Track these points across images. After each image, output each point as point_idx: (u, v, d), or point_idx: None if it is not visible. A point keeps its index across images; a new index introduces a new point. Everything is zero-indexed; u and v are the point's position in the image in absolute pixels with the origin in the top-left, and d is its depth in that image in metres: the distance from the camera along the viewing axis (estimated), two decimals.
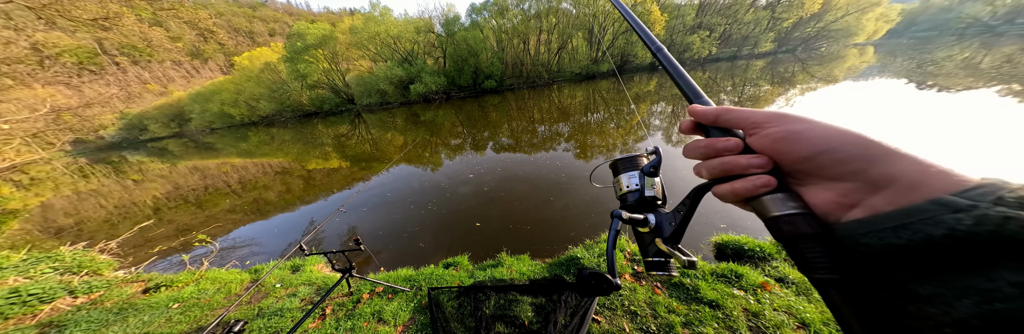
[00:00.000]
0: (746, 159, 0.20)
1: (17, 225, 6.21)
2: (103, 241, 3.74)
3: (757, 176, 0.20)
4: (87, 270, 2.92)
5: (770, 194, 0.19)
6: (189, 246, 3.49)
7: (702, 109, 0.23)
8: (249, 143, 15.80)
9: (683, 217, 0.26)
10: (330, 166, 7.27)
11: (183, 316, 1.92)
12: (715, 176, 0.22)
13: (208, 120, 35.62)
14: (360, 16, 25.22)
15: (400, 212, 3.39)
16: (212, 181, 7.76)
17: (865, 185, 0.17)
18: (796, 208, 0.18)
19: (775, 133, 0.20)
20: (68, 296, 2.40)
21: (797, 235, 0.18)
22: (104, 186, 9.71)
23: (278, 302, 1.90)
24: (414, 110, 18.52)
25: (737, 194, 0.20)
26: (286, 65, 26.07)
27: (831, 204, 0.18)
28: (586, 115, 8.76)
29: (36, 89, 17.97)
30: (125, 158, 19.28)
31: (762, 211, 0.20)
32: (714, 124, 0.23)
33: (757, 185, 0.20)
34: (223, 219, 4.54)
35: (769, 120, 0.20)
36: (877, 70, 11.72)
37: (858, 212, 0.17)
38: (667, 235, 0.27)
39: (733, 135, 0.22)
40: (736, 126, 0.22)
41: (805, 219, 0.18)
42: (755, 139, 0.21)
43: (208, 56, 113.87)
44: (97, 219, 5.96)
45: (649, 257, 0.28)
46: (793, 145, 0.19)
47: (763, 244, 1.76)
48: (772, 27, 31.22)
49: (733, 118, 0.22)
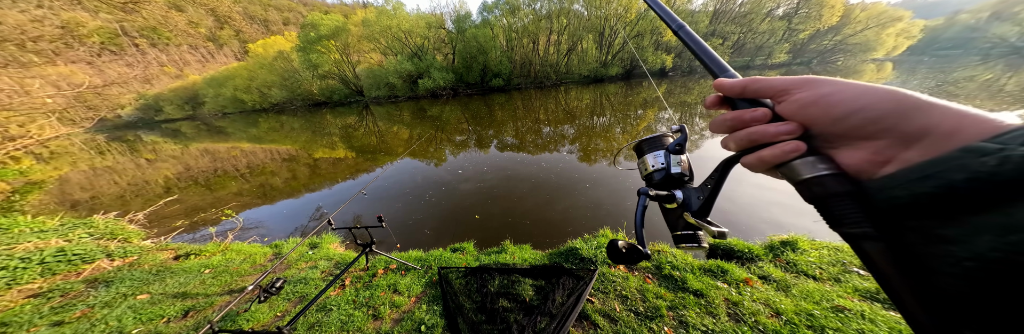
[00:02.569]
0: (774, 127, 0.20)
1: (38, 196, 6.56)
2: (132, 212, 4.02)
3: (786, 142, 0.20)
4: (119, 237, 3.19)
5: (800, 158, 0.19)
6: (214, 220, 3.74)
7: (729, 82, 0.23)
8: (259, 129, 16.13)
9: (711, 190, 0.26)
10: (336, 156, 7.46)
11: (215, 280, 2.15)
12: (743, 147, 0.22)
13: (221, 104, 36.33)
14: (373, 9, 25.46)
15: (406, 202, 3.58)
16: (222, 164, 8.00)
17: (898, 140, 0.17)
18: (827, 169, 0.19)
19: (803, 98, 0.19)
20: (106, 258, 2.65)
21: (828, 195, 0.18)
22: (119, 163, 10.07)
23: (301, 272, 2.12)
24: (421, 105, 18.70)
25: (765, 162, 0.20)
26: (298, 54, 26.46)
27: (864, 163, 0.18)
28: (592, 118, 8.85)
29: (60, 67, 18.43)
30: (140, 137, 19.80)
31: (792, 176, 0.20)
32: (741, 95, 0.23)
33: (786, 150, 0.20)
34: (231, 202, 4.73)
35: (797, 86, 0.20)
36: (895, 86, 11.74)
37: (891, 167, 0.17)
38: (695, 209, 0.27)
39: (761, 105, 0.22)
40: (763, 95, 0.22)
41: (836, 179, 0.18)
42: (784, 106, 0.20)
43: (224, 42, 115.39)
44: (111, 195, 6.23)
45: (678, 231, 0.28)
46: (823, 108, 0.19)
47: (752, 247, 1.89)
48: (787, 38, 30.78)
49: (760, 87, 0.21)
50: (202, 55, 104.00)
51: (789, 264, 1.71)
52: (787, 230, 2.16)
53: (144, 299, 1.98)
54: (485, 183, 3.98)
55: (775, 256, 1.80)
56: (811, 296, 1.39)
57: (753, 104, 0.22)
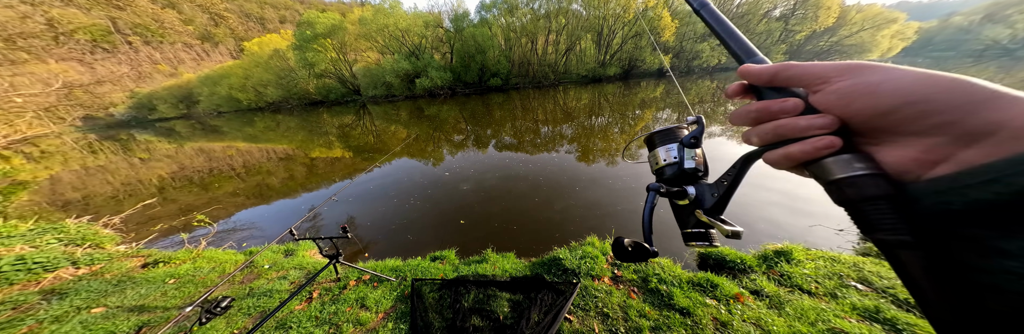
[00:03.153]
0: (806, 120, 0.18)
1: (26, 196, 6.37)
2: (107, 216, 3.86)
3: (819, 137, 0.17)
4: (90, 243, 3.03)
5: (833, 156, 0.17)
6: (189, 226, 3.60)
7: (757, 68, 0.21)
8: (255, 128, 15.92)
9: (727, 187, 0.24)
10: (333, 155, 7.36)
11: (178, 291, 2.02)
12: (767, 141, 0.19)
13: (216, 103, 35.91)
14: (370, 7, 25.35)
15: (391, 205, 3.47)
16: (217, 164, 7.86)
17: (958, 137, 0.14)
18: (865, 169, 0.16)
19: (845, 87, 0.17)
20: (71, 266, 2.51)
21: (863, 197, 0.16)
22: (112, 163, 9.87)
23: (269, 283, 2.00)
24: (419, 104, 18.56)
25: (793, 158, 0.18)
26: (295, 53, 26.20)
27: (910, 162, 0.16)
28: (591, 118, 8.78)
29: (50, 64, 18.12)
30: (133, 136, 19.48)
31: (822, 175, 0.18)
32: (770, 83, 0.20)
33: (818, 147, 0.17)
34: (226, 202, 4.63)
35: (839, 72, 0.17)
36: None
37: (944, 168, 0.15)
38: (708, 206, 0.25)
39: (792, 95, 0.19)
40: (797, 84, 0.19)
41: (874, 179, 0.16)
42: (820, 96, 0.18)
43: (219, 40, 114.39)
44: (103, 195, 6.08)
45: (688, 229, 0.27)
46: (869, 99, 0.16)
47: (745, 257, 1.81)
48: (784, 39, 30.98)
49: (794, 74, 0.19)
50: (197, 53, 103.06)
51: (783, 277, 1.61)
52: (784, 232, 2.09)
53: (98, 313, 1.85)
54: (473, 185, 3.88)
55: (769, 267, 1.71)
56: (806, 315, 1.30)
57: (783, 93, 0.20)
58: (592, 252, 1.92)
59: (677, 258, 1.93)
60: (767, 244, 1.97)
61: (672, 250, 2.04)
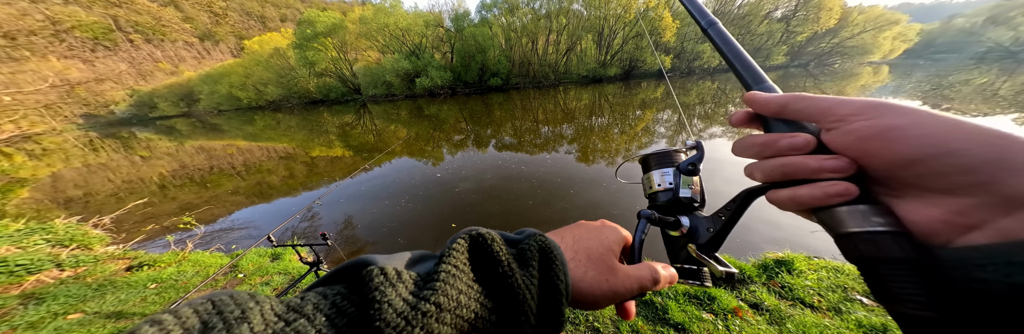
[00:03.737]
0: (817, 160, 0.16)
1: (27, 193, 6.33)
2: (97, 216, 3.81)
3: (832, 182, 0.15)
4: (78, 244, 2.98)
5: (848, 205, 0.15)
6: (177, 227, 3.54)
7: (765, 97, 0.19)
8: (255, 127, 15.89)
9: (725, 223, 0.22)
10: (333, 154, 7.32)
11: (158, 297, 1.96)
12: (772, 179, 0.18)
13: (216, 102, 35.93)
14: (371, 7, 25.34)
15: (384, 207, 3.40)
16: (217, 162, 7.83)
17: (996, 201, 0.12)
18: (884, 225, 0.14)
19: (865, 128, 0.15)
20: (55, 269, 2.45)
21: (881, 259, 0.14)
22: (113, 161, 9.84)
23: (251, 289, 1.94)
24: (419, 103, 18.49)
25: (800, 203, 0.16)
26: (295, 52, 26.18)
27: (938, 224, 0.14)
28: (591, 119, 8.72)
29: (52, 62, 18.13)
30: (134, 134, 19.49)
31: (833, 225, 0.15)
32: (779, 115, 0.18)
33: (830, 193, 0.15)
34: (226, 200, 4.59)
35: (859, 111, 0.15)
36: (890, 90, 11.55)
37: (979, 236, 0.13)
38: (702, 241, 0.23)
39: (803, 130, 0.18)
40: (810, 118, 0.17)
41: (895, 240, 0.14)
42: (835, 135, 0.16)
43: (219, 38, 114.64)
44: (104, 192, 6.03)
45: (679, 263, 0.25)
46: (892, 145, 0.14)
47: (744, 266, 1.74)
48: (785, 40, 30.93)
49: (806, 107, 0.17)
50: (198, 51, 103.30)
51: (784, 289, 1.54)
52: (784, 234, 2.01)
53: (75, 319, 1.79)
54: (472, 185, 3.82)
55: (769, 278, 1.64)
56: (808, 332, 1.24)
57: (792, 127, 0.18)
58: None
59: None
60: (767, 253, 1.90)
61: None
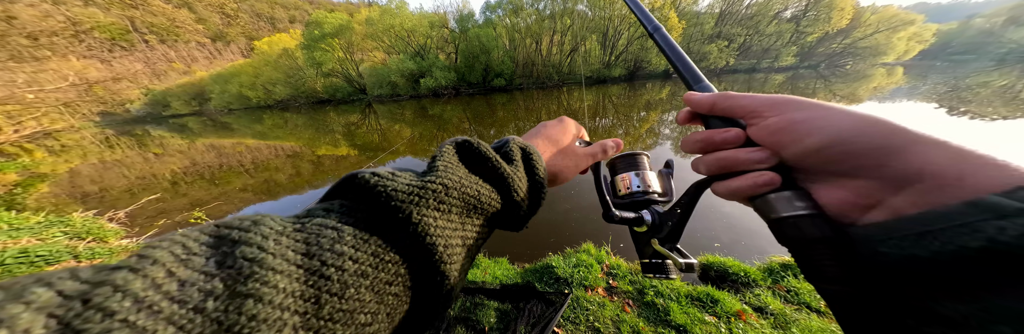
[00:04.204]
0: (746, 153, 0.18)
1: (46, 188, 6.58)
2: (112, 210, 3.96)
3: (759, 173, 0.17)
4: (94, 237, 3.11)
5: (774, 192, 0.17)
6: (189, 222, 3.66)
7: (699, 96, 0.21)
8: (263, 125, 16.22)
9: (681, 215, 0.24)
10: (339, 153, 7.45)
11: None
12: (714, 172, 0.20)
13: (227, 101, 36.79)
14: (377, 8, 25.64)
15: None
16: (227, 160, 8.03)
17: (886, 182, 0.14)
18: (804, 209, 0.16)
19: (775, 123, 0.17)
20: (72, 260, 2.57)
21: (804, 239, 0.16)
22: (127, 157, 10.14)
23: None
24: (423, 104, 18.65)
25: (736, 193, 0.18)
26: (303, 52, 26.69)
27: (845, 204, 0.15)
28: (595, 120, 8.72)
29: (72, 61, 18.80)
30: (148, 132, 20.04)
31: (765, 211, 0.18)
32: (711, 113, 0.20)
33: (758, 183, 0.17)
34: (234, 197, 4.70)
35: (768, 107, 0.18)
36: (905, 92, 11.19)
37: (878, 214, 0.14)
38: (664, 234, 0.25)
39: (734, 125, 0.19)
40: (734, 115, 0.19)
41: (814, 221, 0.16)
42: (755, 130, 0.18)
43: (231, 39, 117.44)
44: (119, 188, 6.23)
45: (646, 259, 0.26)
46: (796, 136, 0.16)
47: (749, 269, 1.72)
48: (795, 41, 30.43)
49: (731, 105, 0.19)
50: (210, 52, 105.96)
51: (790, 293, 1.53)
52: None
53: None
54: None
55: (774, 282, 1.62)
56: None
57: (727, 123, 0.20)
58: (587, 260, 1.87)
59: None
60: (773, 256, 1.88)
61: None
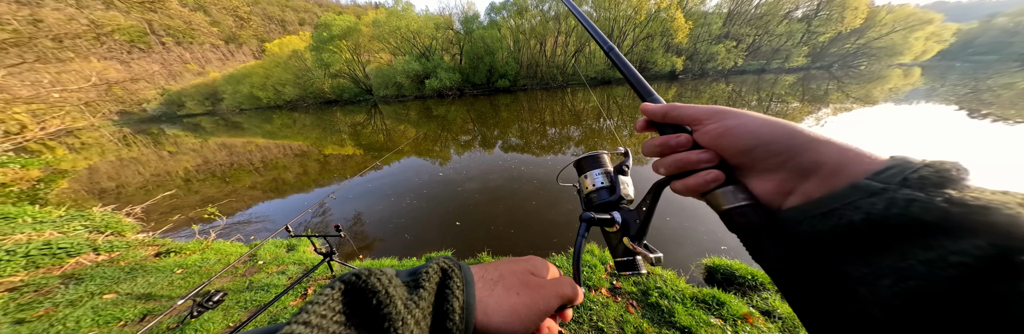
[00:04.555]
0: (695, 155, 0.21)
1: (66, 184, 6.86)
2: (129, 206, 4.09)
3: (707, 171, 0.21)
4: (112, 231, 3.21)
5: (721, 188, 0.20)
6: (201, 218, 3.76)
7: (653, 107, 0.24)
8: (273, 125, 16.62)
9: (646, 213, 0.26)
10: (345, 153, 7.57)
11: (183, 281, 2.10)
12: (671, 172, 0.23)
13: (238, 101, 37.78)
14: (384, 10, 26.05)
15: (392, 203, 3.50)
16: (237, 158, 8.25)
17: (796, 173, 0.18)
18: (744, 200, 0.19)
19: (713, 129, 0.21)
20: (92, 252, 2.65)
21: (749, 226, 0.19)
22: (143, 155, 10.51)
23: (268, 278, 2.04)
24: (428, 104, 18.85)
25: (691, 189, 0.21)
26: (312, 54, 27.25)
27: (772, 193, 0.19)
28: (600, 121, 8.65)
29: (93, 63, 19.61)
30: (163, 131, 20.76)
31: (715, 204, 0.20)
32: (664, 121, 0.24)
33: (707, 180, 0.20)
34: (244, 194, 4.82)
35: (709, 116, 0.21)
36: (923, 94, 10.84)
37: (794, 199, 0.18)
38: (633, 233, 0.27)
39: (682, 131, 0.23)
40: (682, 122, 0.23)
41: (753, 210, 0.19)
42: (699, 135, 0.22)
43: (243, 41, 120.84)
44: (135, 184, 6.47)
45: (618, 257, 0.28)
46: (731, 140, 0.20)
47: (757, 272, 1.68)
48: (806, 41, 29.71)
49: (679, 115, 0.23)
50: (223, 53, 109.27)
51: None
52: None
53: (109, 299, 1.93)
54: (477, 185, 3.86)
55: None
56: None
57: (677, 130, 0.23)
58: (590, 260, 1.86)
59: (682, 271, 1.82)
60: None
61: (677, 262, 1.93)
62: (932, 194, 0.13)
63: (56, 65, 6.79)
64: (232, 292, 1.87)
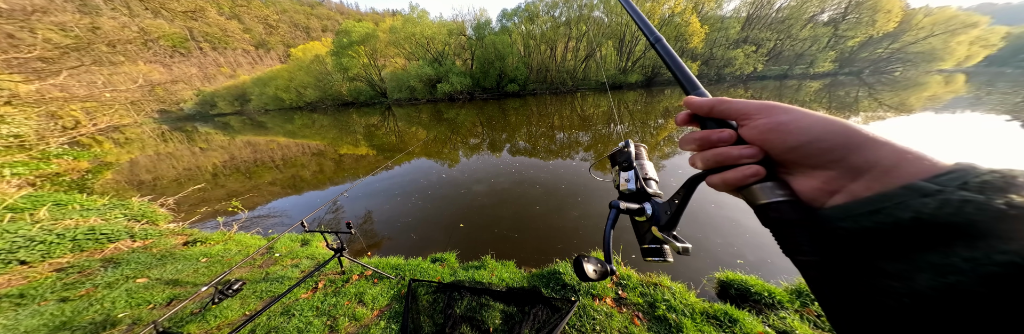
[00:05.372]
0: (738, 150, 0.21)
1: (110, 175, 7.52)
2: (163, 197, 4.42)
3: (747, 166, 0.20)
4: (147, 219, 3.48)
5: (759, 183, 0.20)
6: (226, 211, 4.00)
7: (698, 100, 0.24)
8: (294, 125, 17.52)
9: (678, 206, 0.27)
10: (359, 153, 7.89)
11: (207, 269, 2.24)
12: (709, 167, 0.22)
13: (264, 102, 40.22)
14: (400, 17, 27.13)
15: (401, 203, 3.59)
16: (260, 155, 8.76)
17: (846, 172, 0.17)
18: (783, 196, 0.19)
19: (763, 124, 0.20)
20: (129, 239, 2.88)
21: (783, 221, 0.19)
22: (178, 151, 11.38)
23: (282, 270, 2.14)
24: (439, 107, 19.35)
25: (728, 183, 0.21)
26: (332, 58, 28.75)
27: (816, 191, 0.19)
28: (610, 126, 8.54)
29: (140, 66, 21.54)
30: (196, 128, 22.38)
31: (752, 199, 0.20)
32: (709, 115, 0.23)
33: (746, 175, 0.20)
34: (264, 190, 5.10)
35: (759, 111, 0.21)
36: (968, 102, 9.94)
37: (840, 198, 0.17)
38: (663, 223, 0.28)
39: (727, 126, 0.22)
40: (729, 117, 0.22)
41: (791, 206, 0.19)
42: (746, 130, 0.21)
43: (271, 47, 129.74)
44: (169, 177, 7.00)
45: (645, 244, 0.29)
46: (781, 136, 0.20)
47: (774, 289, 1.58)
48: (833, 45, 28.26)
49: (726, 109, 0.22)
50: (253, 58, 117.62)
51: (822, 318, 1.40)
52: None
53: (141, 283, 2.09)
54: (485, 188, 3.90)
55: (804, 305, 1.48)
56: None
57: (720, 124, 0.23)
58: None
59: (692, 284, 1.75)
60: None
61: (688, 274, 1.86)
62: (991, 197, 0.13)
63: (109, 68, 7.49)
64: (250, 282, 1.98)
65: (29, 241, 2.52)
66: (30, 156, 5.92)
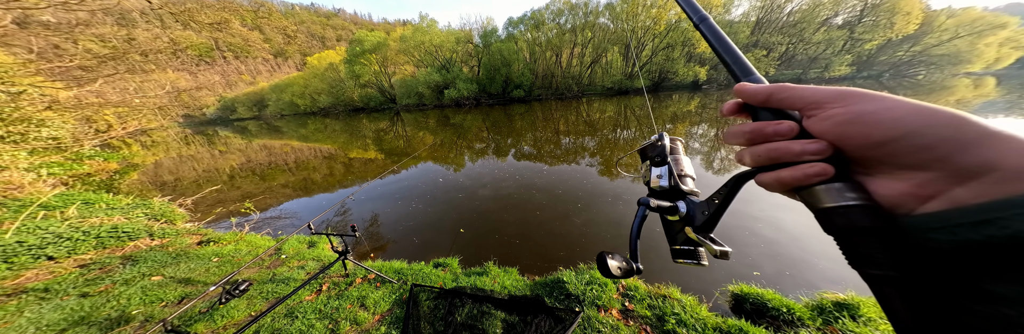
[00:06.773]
0: (800, 145, 0.18)
1: (136, 176, 7.96)
2: (182, 197, 4.63)
3: (810, 164, 0.17)
4: (166, 219, 3.63)
5: (825, 183, 0.17)
6: (239, 212, 4.13)
7: (752, 87, 0.20)
8: (307, 129, 18.25)
9: (718, 206, 0.24)
10: (368, 156, 8.10)
11: (218, 269, 2.29)
12: (760, 164, 0.19)
13: (280, 107, 42.29)
14: (410, 26, 28.46)
15: (406, 207, 3.61)
16: (275, 158, 9.14)
17: (950, 174, 0.14)
18: (856, 199, 0.16)
19: (840, 115, 0.17)
20: (148, 237, 3.01)
21: (853, 229, 0.16)
22: (198, 153, 12.01)
23: (289, 271, 2.17)
24: (446, 113, 19.80)
25: (784, 183, 0.18)
26: (345, 66, 30.17)
27: (903, 196, 0.15)
28: (616, 131, 8.48)
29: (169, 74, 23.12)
30: (217, 132, 23.61)
31: (813, 202, 0.17)
32: (765, 104, 0.20)
33: (809, 174, 0.17)
34: (277, 192, 5.26)
35: (833, 99, 0.17)
36: (1000, 107, 9.23)
37: (936, 204, 0.14)
38: (698, 224, 0.25)
39: (786, 118, 0.19)
40: (792, 106, 0.19)
41: (865, 211, 0.16)
42: (814, 122, 0.18)
43: (288, 55, 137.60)
44: (189, 179, 7.35)
45: (677, 245, 0.26)
46: (863, 128, 0.16)
47: (793, 305, 1.47)
48: (849, 49, 27.47)
49: (788, 97, 0.19)
50: (271, 66, 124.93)
51: None
52: (849, 275, 1.69)
53: (156, 281, 2.16)
54: (489, 192, 3.90)
55: (825, 323, 1.37)
56: None
57: (778, 115, 0.19)
58: (601, 278, 1.76)
59: (704, 296, 1.66)
60: (824, 292, 1.61)
61: (699, 286, 1.78)
62: None
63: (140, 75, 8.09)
64: (257, 283, 2.01)
65: (57, 237, 2.66)
66: (65, 157, 6.36)
